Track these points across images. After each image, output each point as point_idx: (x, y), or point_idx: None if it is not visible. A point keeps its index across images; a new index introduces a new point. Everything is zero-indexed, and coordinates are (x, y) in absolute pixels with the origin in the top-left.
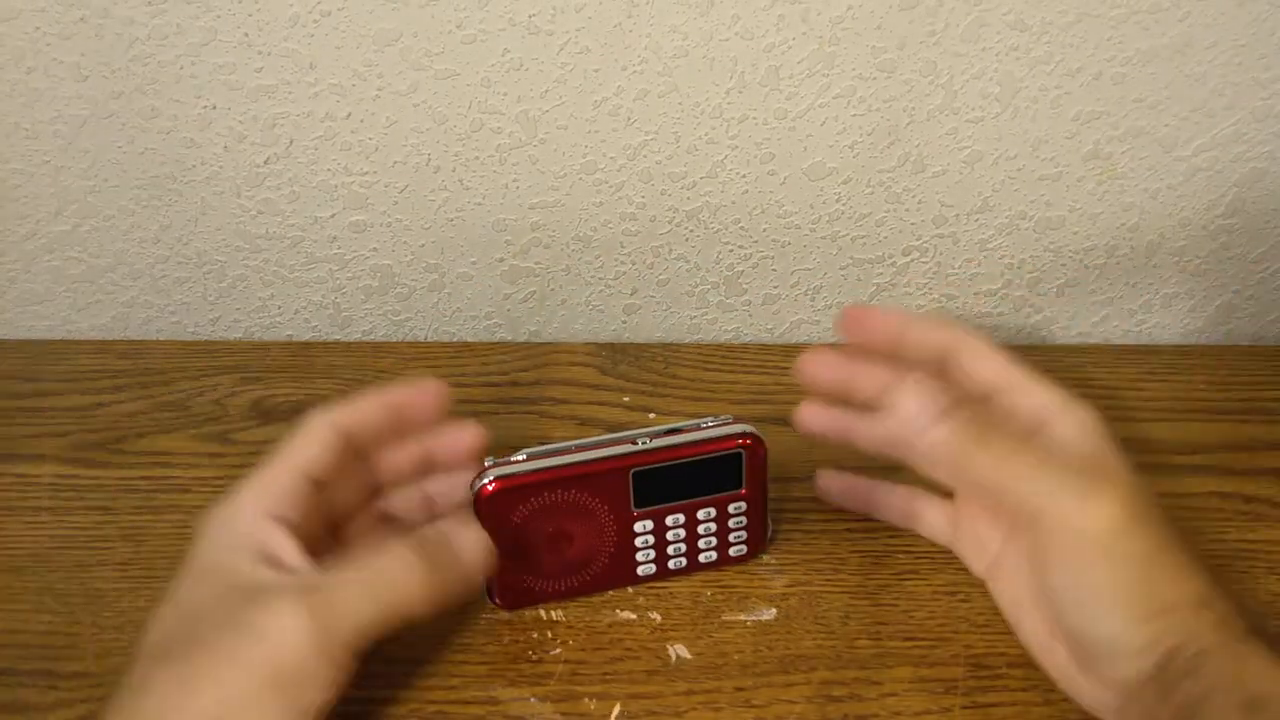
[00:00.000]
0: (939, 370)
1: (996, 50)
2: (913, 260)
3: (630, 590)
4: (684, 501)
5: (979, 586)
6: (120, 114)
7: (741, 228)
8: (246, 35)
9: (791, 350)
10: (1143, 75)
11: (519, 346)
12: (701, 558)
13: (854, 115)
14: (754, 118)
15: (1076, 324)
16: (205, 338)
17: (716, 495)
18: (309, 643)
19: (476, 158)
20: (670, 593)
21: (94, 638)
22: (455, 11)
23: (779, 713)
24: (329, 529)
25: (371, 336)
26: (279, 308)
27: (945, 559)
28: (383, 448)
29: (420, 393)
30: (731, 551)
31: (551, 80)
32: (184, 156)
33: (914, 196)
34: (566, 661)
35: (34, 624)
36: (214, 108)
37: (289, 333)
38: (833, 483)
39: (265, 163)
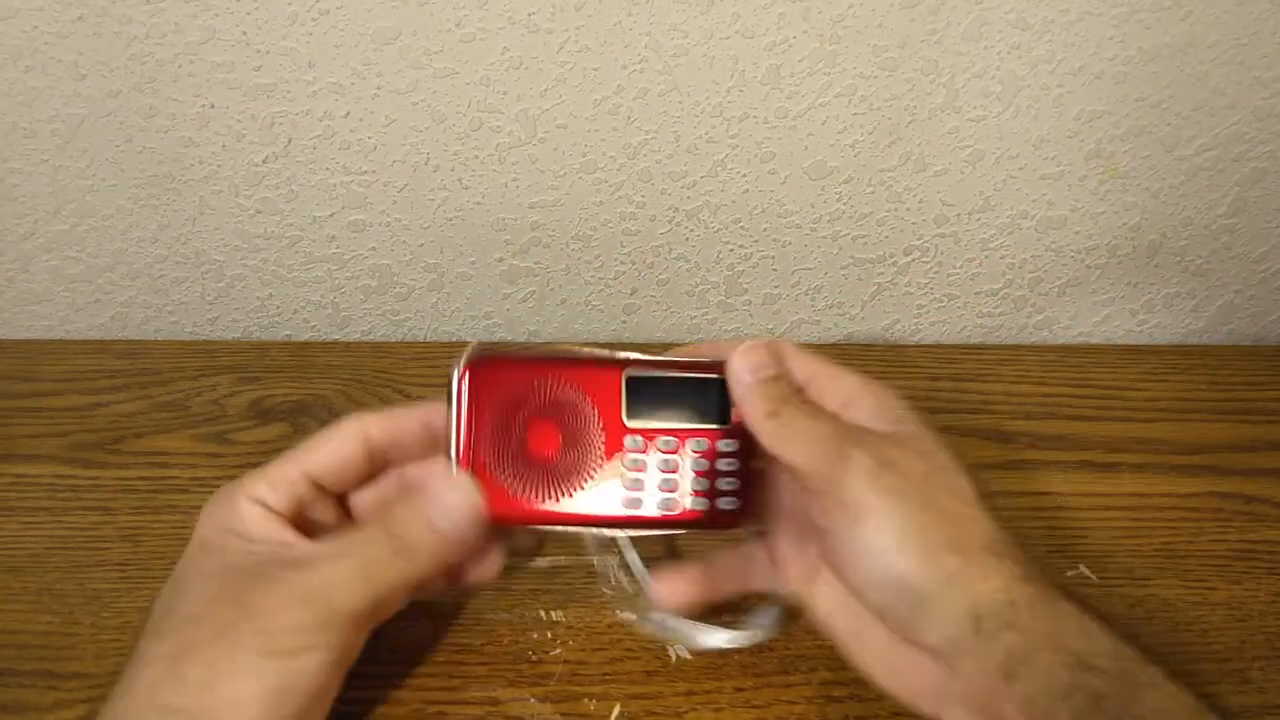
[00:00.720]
0: None
1: (998, 49)
2: (914, 260)
3: (618, 543)
4: (676, 426)
5: None
6: (118, 113)
7: (742, 227)
8: (245, 34)
9: None
10: (1144, 74)
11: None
12: (689, 502)
13: (855, 114)
14: (755, 116)
15: (1078, 324)
16: (204, 337)
17: (707, 426)
18: (299, 614)
19: (476, 157)
20: None
21: (93, 638)
22: (454, 10)
23: (779, 713)
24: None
25: (370, 336)
26: (277, 307)
27: None
28: (413, 460)
29: None
30: (721, 504)
31: (551, 79)
32: (182, 155)
33: (915, 196)
34: (566, 662)
35: (33, 624)
36: (212, 106)
37: (287, 332)
38: (669, 587)
39: (264, 162)
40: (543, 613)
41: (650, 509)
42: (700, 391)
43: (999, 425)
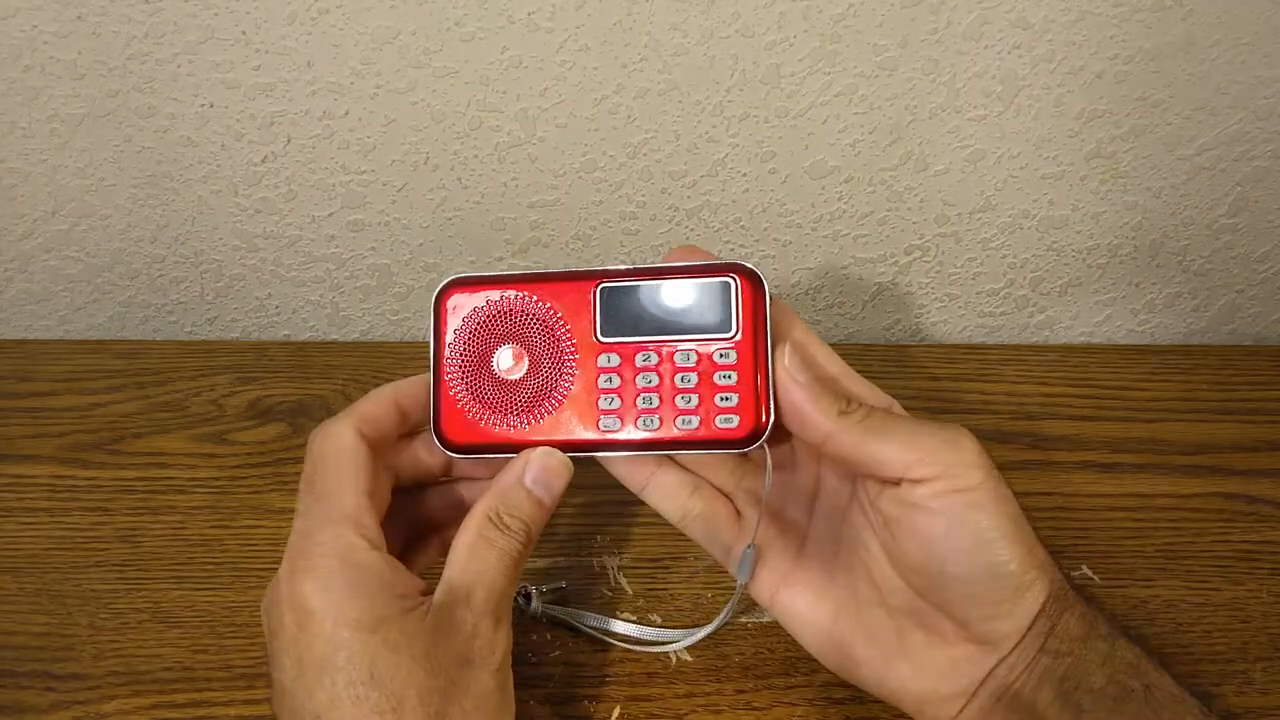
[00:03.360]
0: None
1: (999, 48)
2: (914, 259)
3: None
4: (657, 339)
5: None
6: (117, 112)
7: (742, 226)
8: (244, 33)
9: None
10: (1145, 73)
11: None
12: (679, 422)
13: (856, 113)
14: (755, 116)
15: (1080, 323)
16: (202, 337)
17: (699, 335)
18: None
19: (475, 156)
20: (670, 594)
21: (90, 639)
22: (454, 9)
23: (779, 715)
24: None
25: (370, 336)
26: (276, 307)
27: None
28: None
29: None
30: (719, 421)
31: (551, 78)
32: (181, 155)
33: (916, 195)
34: (566, 664)
35: (31, 625)
36: (211, 106)
37: (286, 332)
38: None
39: (263, 161)
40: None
41: (629, 432)
42: (692, 299)
43: (1000, 425)
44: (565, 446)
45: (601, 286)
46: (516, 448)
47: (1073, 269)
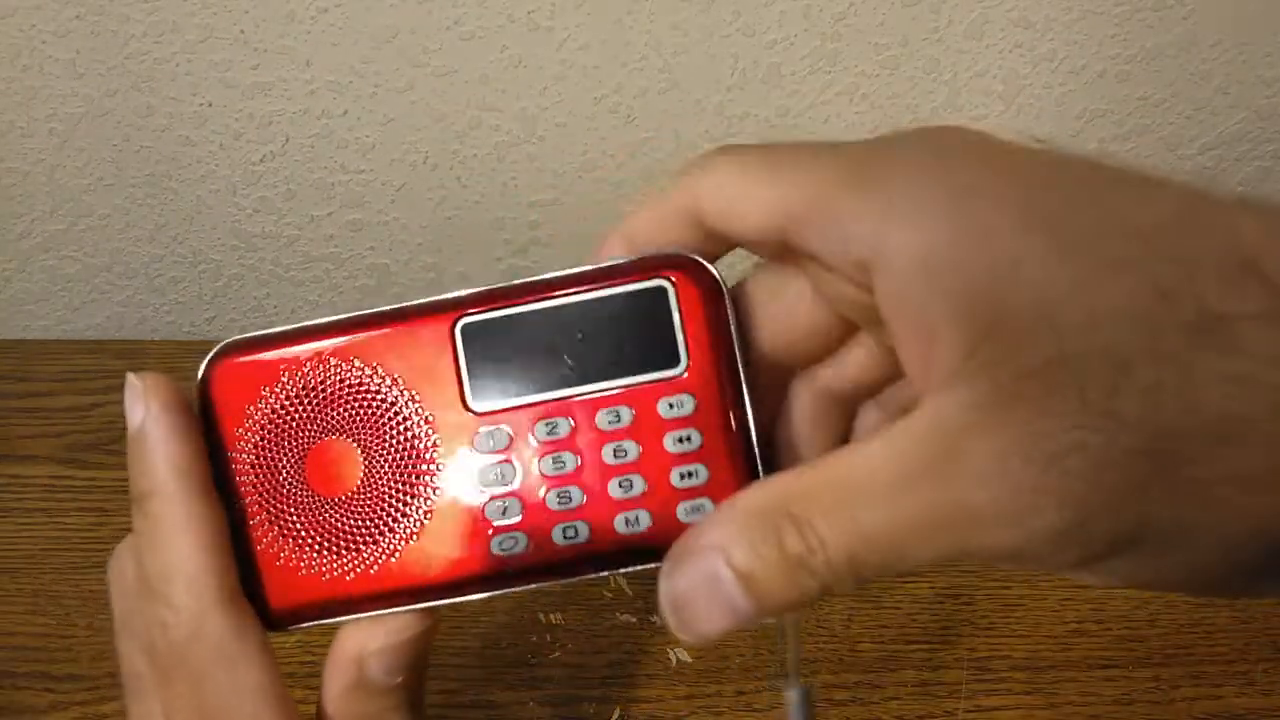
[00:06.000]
0: None
1: (1000, 47)
2: None
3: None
4: (567, 392)
5: (982, 589)
6: (116, 111)
7: None
8: (243, 32)
9: None
10: (1147, 73)
11: None
12: (621, 522)
13: (857, 113)
14: (756, 115)
15: None
16: (201, 337)
17: (630, 379)
18: None
19: (474, 155)
20: None
21: (89, 640)
22: (453, 8)
23: (780, 717)
24: None
25: None
26: (274, 307)
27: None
28: None
29: None
30: (684, 511)
31: (550, 77)
32: (179, 154)
33: None
34: (566, 665)
35: (29, 626)
36: (210, 105)
37: None
38: None
39: (261, 160)
40: (541, 615)
41: (540, 550)
42: (610, 321)
43: None
44: (441, 588)
45: (462, 323)
46: (359, 602)
47: None
